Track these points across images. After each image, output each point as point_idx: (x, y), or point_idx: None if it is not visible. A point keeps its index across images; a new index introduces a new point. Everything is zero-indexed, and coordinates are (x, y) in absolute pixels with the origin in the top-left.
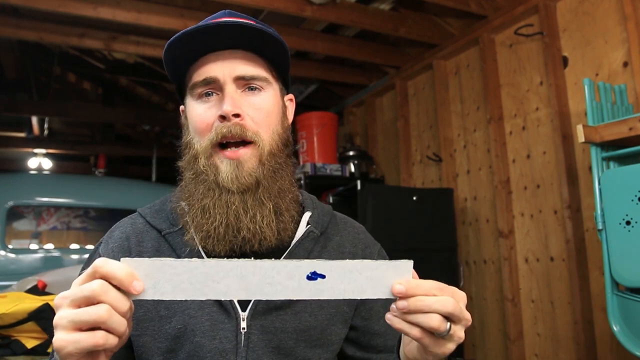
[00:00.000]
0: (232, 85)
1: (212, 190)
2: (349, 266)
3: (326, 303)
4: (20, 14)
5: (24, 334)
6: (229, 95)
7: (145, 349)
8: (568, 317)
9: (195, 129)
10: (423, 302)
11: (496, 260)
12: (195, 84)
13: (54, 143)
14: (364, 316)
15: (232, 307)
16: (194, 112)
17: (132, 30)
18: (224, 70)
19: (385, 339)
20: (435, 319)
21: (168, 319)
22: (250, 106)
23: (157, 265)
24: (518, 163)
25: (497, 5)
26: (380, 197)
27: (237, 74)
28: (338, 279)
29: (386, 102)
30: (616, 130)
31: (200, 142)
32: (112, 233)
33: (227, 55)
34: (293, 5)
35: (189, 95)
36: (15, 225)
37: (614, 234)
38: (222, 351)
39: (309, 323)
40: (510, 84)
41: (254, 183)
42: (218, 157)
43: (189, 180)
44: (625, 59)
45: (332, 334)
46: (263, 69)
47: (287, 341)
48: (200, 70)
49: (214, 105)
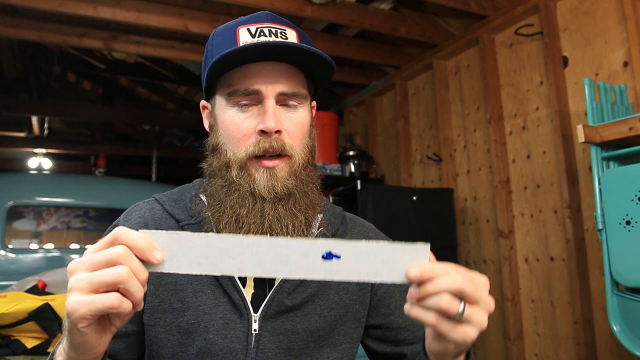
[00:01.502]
0: (273, 100)
1: (246, 200)
2: (364, 247)
3: (335, 304)
4: (20, 13)
5: (24, 334)
6: (270, 111)
7: (156, 340)
8: (568, 317)
9: (229, 136)
10: (433, 283)
11: (496, 260)
12: (235, 92)
13: (54, 143)
14: (385, 312)
15: (244, 308)
16: (231, 120)
17: (132, 30)
18: (267, 85)
19: (413, 331)
20: (444, 299)
21: (181, 312)
22: (289, 121)
23: (175, 238)
24: (518, 163)
25: (497, 5)
26: (380, 197)
27: (280, 90)
28: (353, 260)
29: (386, 102)
30: (616, 130)
31: (235, 151)
32: (128, 216)
33: (272, 69)
34: (293, 5)
35: (223, 98)
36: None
37: (614, 233)
38: (232, 350)
39: (318, 324)
40: (510, 84)
41: (287, 194)
42: (254, 166)
43: (218, 187)
44: (625, 59)
45: (341, 334)
46: (303, 85)
47: (297, 342)
48: (242, 78)
49: (252, 116)
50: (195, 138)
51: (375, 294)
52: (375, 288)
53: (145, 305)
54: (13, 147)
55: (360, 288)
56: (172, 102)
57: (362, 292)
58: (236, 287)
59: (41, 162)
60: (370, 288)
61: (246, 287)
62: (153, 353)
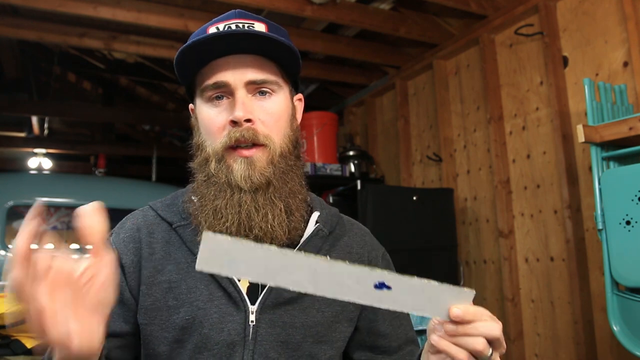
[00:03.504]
0: (243, 90)
1: (223, 192)
2: (415, 283)
3: (333, 300)
4: (20, 14)
5: (24, 334)
6: (240, 101)
7: (152, 338)
8: (568, 317)
9: (206, 131)
10: (474, 325)
11: (496, 260)
12: (205, 87)
13: (54, 143)
14: (370, 318)
15: (241, 300)
16: (205, 115)
17: (132, 30)
18: (234, 76)
19: (390, 340)
20: (481, 343)
21: (176, 310)
22: (262, 110)
23: (238, 246)
24: (518, 163)
25: (497, 5)
26: (380, 197)
27: (248, 79)
28: (402, 293)
29: (386, 102)
30: (616, 130)
31: (212, 145)
32: (123, 224)
33: (238, 60)
34: (293, 5)
35: (199, 97)
36: (15, 225)
37: (614, 234)
38: (229, 343)
39: (316, 319)
40: (510, 84)
41: (265, 182)
42: (231, 157)
43: (200, 182)
44: (625, 59)
45: (337, 331)
46: (273, 73)
47: (294, 336)
48: (211, 74)
49: (225, 109)
50: None
51: None
52: None
53: (139, 304)
54: (13, 147)
55: None
56: (172, 102)
57: None
58: (231, 280)
59: (41, 162)
60: None
61: (241, 280)
62: (150, 351)
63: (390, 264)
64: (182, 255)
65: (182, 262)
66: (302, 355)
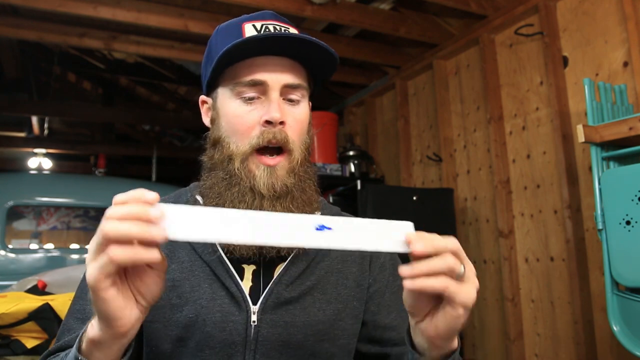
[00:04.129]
0: (277, 92)
1: (246, 195)
2: (354, 221)
3: (334, 298)
4: (20, 14)
5: (24, 334)
6: (275, 102)
7: (155, 336)
8: (568, 317)
9: (233, 129)
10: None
11: (496, 260)
12: (239, 83)
13: (54, 143)
14: (373, 310)
15: (243, 300)
16: (234, 112)
17: (132, 30)
18: (272, 77)
19: (398, 331)
20: (450, 258)
21: (180, 308)
22: (291, 116)
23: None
24: (518, 163)
25: (497, 5)
26: (380, 197)
27: (285, 82)
28: (344, 232)
29: (386, 102)
30: (616, 130)
31: (238, 144)
32: None
33: (276, 62)
34: (293, 5)
35: (228, 90)
36: (15, 225)
37: (614, 234)
38: (231, 343)
39: (317, 318)
40: (510, 84)
41: (285, 191)
42: (254, 162)
43: (218, 180)
44: (625, 59)
45: (340, 329)
46: (305, 79)
47: (296, 335)
48: (247, 71)
49: (257, 109)
50: (195, 138)
51: (368, 291)
52: (369, 284)
53: None
54: (13, 147)
55: (357, 284)
56: (172, 102)
57: (359, 288)
58: (234, 280)
59: (41, 162)
60: (366, 285)
61: (244, 281)
62: (152, 349)
63: (396, 258)
64: (186, 254)
65: (186, 261)
66: (304, 355)
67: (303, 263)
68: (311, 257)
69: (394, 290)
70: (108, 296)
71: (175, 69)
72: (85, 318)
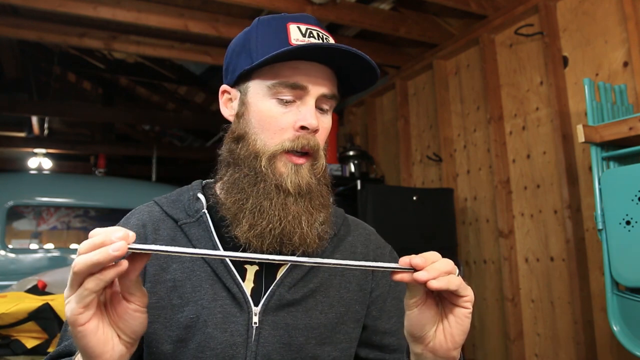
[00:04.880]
0: (314, 99)
1: (271, 192)
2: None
3: (337, 302)
4: (20, 13)
5: (24, 334)
6: (312, 109)
7: (155, 337)
8: (568, 317)
9: (264, 127)
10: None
11: (496, 260)
12: (280, 84)
13: (54, 143)
14: (375, 315)
15: (245, 301)
16: (269, 111)
17: (132, 30)
18: (314, 84)
19: (398, 337)
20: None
21: (180, 308)
22: (322, 125)
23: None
24: (518, 163)
25: (497, 5)
26: (380, 197)
27: (323, 92)
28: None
29: (386, 102)
30: (616, 130)
31: (267, 142)
32: (128, 220)
33: (319, 70)
34: (293, 5)
35: (264, 87)
36: (15, 225)
37: (614, 234)
38: (232, 344)
39: (319, 321)
40: (510, 84)
41: (308, 191)
42: (282, 160)
43: (242, 175)
44: (625, 59)
45: (342, 333)
46: (337, 90)
47: (297, 338)
48: (290, 72)
49: (292, 112)
50: (195, 138)
51: (370, 295)
52: (371, 289)
53: None
54: (13, 147)
55: (360, 288)
56: (172, 102)
57: (362, 292)
58: (236, 281)
59: (41, 162)
60: (369, 289)
61: (246, 282)
62: (153, 349)
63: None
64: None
65: (187, 261)
66: (305, 357)
67: (307, 265)
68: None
69: (396, 295)
70: (88, 330)
71: (175, 69)
72: None
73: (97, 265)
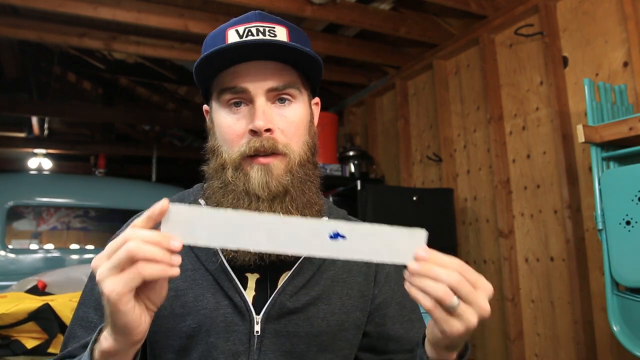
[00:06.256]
0: (263, 97)
1: (241, 200)
2: (368, 229)
3: (338, 309)
4: (20, 14)
5: (24, 334)
6: (260, 110)
7: (158, 346)
8: (568, 317)
9: (223, 138)
10: (431, 269)
11: (496, 260)
12: (224, 90)
13: (54, 143)
14: (378, 322)
15: (246, 310)
16: (223, 122)
17: (132, 30)
18: (255, 83)
19: (402, 343)
20: (441, 288)
21: (183, 318)
22: (281, 119)
23: (197, 212)
24: (518, 163)
25: (497, 5)
26: (380, 197)
27: (269, 86)
28: (358, 240)
29: (386, 102)
30: (616, 130)
31: (229, 152)
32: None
33: (259, 67)
34: (293, 5)
35: (216, 100)
36: (15, 225)
37: (614, 234)
38: (234, 353)
39: (321, 328)
40: (510, 84)
41: (282, 191)
42: (249, 164)
43: (216, 189)
44: (625, 59)
45: (343, 340)
46: (294, 79)
47: (299, 345)
48: (230, 79)
49: (244, 116)
50: (195, 138)
51: (373, 302)
52: (373, 295)
53: None
54: (13, 147)
55: (361, 295)
56: (172, 102)
57: (363, 298)
58: (237, 289)
59: (41, 162)
60: (370, 296)
61: (247, 290)
62: (156, 359)
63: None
64: (189, 262)
65: (189, 270)
66: None
67: (308, 272)
68: (317, 265)
69: (399, 300)
70: (128, 309)
71: (176, 69)
72: (88, 326)
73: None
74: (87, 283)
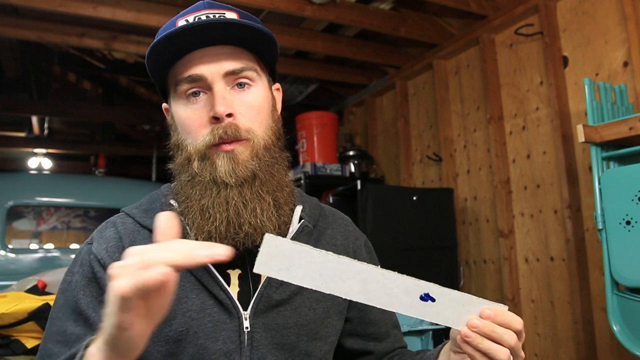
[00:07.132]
0: (221, 83)
1: (209, 189)
2: (457, 297)
3: (323, 296)
4: (20, 13)
5: (24, 334)
6: (219, 95)
7: (144, 353)
8: (568, 317)
9: (185, 130)
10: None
11: (496, 260)
12: (179, 81)
13: (54, 143)
14: (360, 307)
15: (233, 307)
16: (183, 114)
17: (132, 29)
18: (210, 68)
19: (379, 326)
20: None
21: (168, 322)
22: (242, 104)
23: (297, 249)
24: (518, 163)
25: (497, 5)
26: (380, 197)
27: (225, 70)
28: (445, 305)
29: (386, 102)
30: (616, 130)
31: (194, 143)
32: (102, 233)
33: (213, 52)
34: (293, 5)
35: (173, 94)
36: (15, 225)
37: (614, 233)
38: (226, 352)
39: (308, 317)
40: (510, 84)
41: (250, 176)
42: (214, 153)
43: (184, 183)
44: (625, 58)
45: (329, 326)
46: (251, 61)
47: (289, 336)
48: (184, 68)
49: (204, 105)
50: None
51: None
52: None
53: None
54: (13, 147)
55: None
56: None
57: None
58: (221, 287)
59: (41, 162)
60: None
61: (231, 286)
62: None
63: (372, 252)
64: None
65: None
66: (299, 355)
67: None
68: None
69: None
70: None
71: None
72: (67, 340)
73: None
74: (56, 300)
